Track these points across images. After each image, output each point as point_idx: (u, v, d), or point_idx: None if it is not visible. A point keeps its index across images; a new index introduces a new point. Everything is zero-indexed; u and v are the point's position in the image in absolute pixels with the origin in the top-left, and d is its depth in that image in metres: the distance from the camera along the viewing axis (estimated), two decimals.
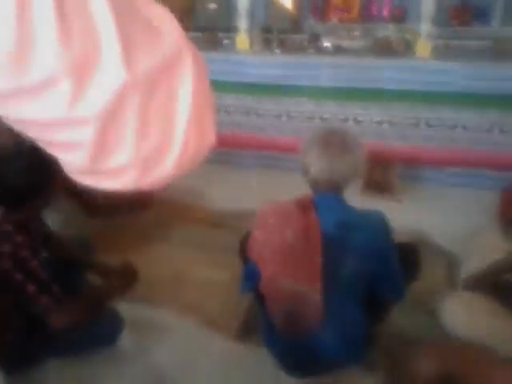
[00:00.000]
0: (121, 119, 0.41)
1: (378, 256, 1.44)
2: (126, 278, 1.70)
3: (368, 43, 2.77)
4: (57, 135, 0.42)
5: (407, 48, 2.68)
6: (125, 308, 1.83)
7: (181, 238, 2.43)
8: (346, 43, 2.79)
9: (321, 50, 2.75)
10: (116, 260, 1.76)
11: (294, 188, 1.69)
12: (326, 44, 2.76)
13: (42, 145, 0.45)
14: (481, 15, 2.86)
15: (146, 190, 0.51)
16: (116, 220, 2.27)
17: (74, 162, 0.45)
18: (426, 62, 2.61)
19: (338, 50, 2.75)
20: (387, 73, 2.65)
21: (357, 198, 1.63)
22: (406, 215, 2.25)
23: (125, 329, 1.72)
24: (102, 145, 0.41)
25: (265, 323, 1.59)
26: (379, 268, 1.46)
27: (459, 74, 2.54)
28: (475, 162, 2.67)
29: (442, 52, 2.66)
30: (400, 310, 1.80)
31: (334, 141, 1.49)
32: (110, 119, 0.40)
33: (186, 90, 0.43)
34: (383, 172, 2.65)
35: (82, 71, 0.38)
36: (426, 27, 2.60)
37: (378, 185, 2.64)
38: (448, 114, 2.63)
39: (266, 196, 2.06)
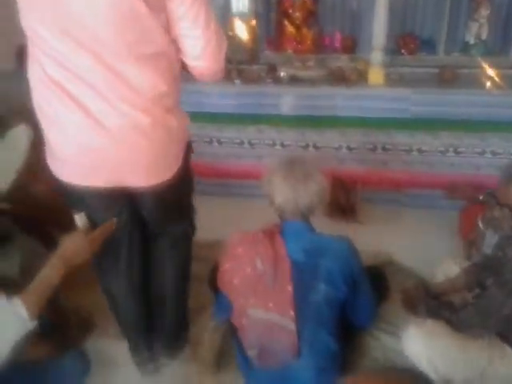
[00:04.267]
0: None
1: (349, 281, 1.45)
2: (81, 330, 1.64)
3: (322, 73, 2.85)
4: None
5: (360, 77, 2.78)
6: (93, 345, 1.76)
7: None
8: (301, 73, 2.86)
9: (278, 80, 2.81)
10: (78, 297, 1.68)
11: (259, 214, 1.71)
12: (283, 74, 2.83)
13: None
14: (427, 44, 3.03)
15: None
16: None
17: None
18: (378, 89, 2.72)
19: (294, 80, 2.82)
20: (342, 101, 2.73)
21: (320, 222, 1.65)
22: (369, 238, 2.29)
23: (92, 368, 1.64)
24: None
25: (239, 354, 1.56)
26: (350, 293, 1.47)
27: (410, 100, 2.65)
28: (432, 183, 2.77)
29: (393, 79, 2.78)
30: (369, 332, 1.82)
31: (296, 169, 1.52)
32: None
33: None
34: (345, 196, 2.70)
35: None
36: (377, 55, 2.71)
37: (341, 208, 2.69)
38: (403, 138, 2.73)
39: (232, 224, 2.06)
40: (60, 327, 1.71)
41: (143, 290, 1.66)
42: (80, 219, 1.46)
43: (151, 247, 1.64)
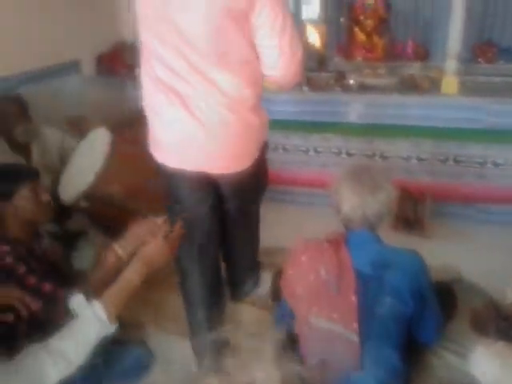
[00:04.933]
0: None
1: (416, 296, 1.41)
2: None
3: (393, 81, 2.80)
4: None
5: (432, 85, 2.70)
6: (158, 341, 1.81)
7: None
8: (371, 81, 2.82)
9: (347, 88, 2.79)
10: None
11: (324, 223, 1.69)
12: (352, 81, 2.80)
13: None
14: (506, 53, 2.88)
15: None
16: None
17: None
18: (451, 98, 2.62)
19: (363, 88, 2.78)
20: (413, 110, 2.66)
21: (386, 234, 1.61)
22: (436, 253, 2.21)
23: (156, 364, 1.69)
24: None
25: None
26: (417, 309, 1.43)
27: (485, 111, 2.54)
28: (507, 198, 2.63)
29: (468, 88, 2.67)
30: (433, 350, 1.75)
31: (365, 178, 1.49)
32: None
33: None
34: (413, 208, 2.62)
35: None
36: (451, 64, 2.62)
37: (408, 221, 2.61)
38: (476, 149, 2.62)
39: (297, 232, 2.06)
40: None
41: (216, 269, 1.89)
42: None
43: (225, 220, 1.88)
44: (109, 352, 1.54)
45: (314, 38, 2.85)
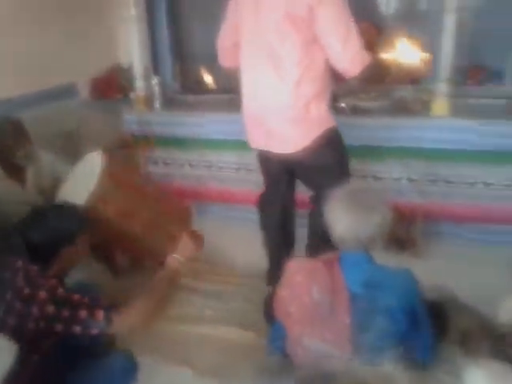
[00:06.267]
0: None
1: (409, 316, 1.42)
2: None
3: (384, 104, 2.85)
4: None
5: (424, 107, 2.75)
6: (145, 364, 1.80)
7: (205, 297, 2.42)
8: (362, 104, 2.87)
9: (339, 110, 2.83)
10: None
11: None
12: (343, 105, 2.85)
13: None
14: (496, 75, 2.95)
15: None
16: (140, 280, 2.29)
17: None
18: (442, 120, 2.67)
19: (355, 111, 2.83)
20: (404, 131, 2.71)
21: (379, 255, 1.63)
22: (428, 272, 2.21)
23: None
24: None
25: None
26: (409, 328, 1.43)
27: (476, 132, 2.59)
28: (498, 217, 2.66)
29: (459, 110, 2.72)
30: (426, 369, 1.75)
31: (360, 199, 1.50)
32: None
33: None
34: (405, 228, 2.65)
35: None
36: (442, 86, 2.67)
37: (399, 241, 2.63)
38: (467, 170, 2.66)
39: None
40: None
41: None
42: None
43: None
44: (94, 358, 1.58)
45: None
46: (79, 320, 1.39)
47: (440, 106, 2.68)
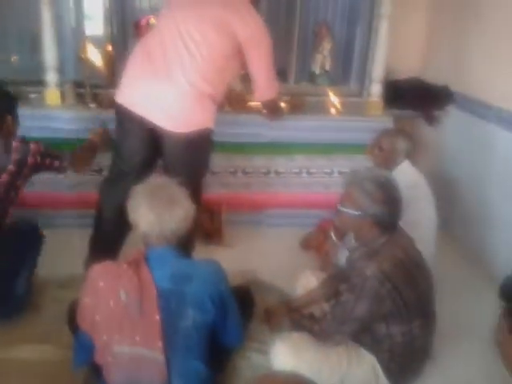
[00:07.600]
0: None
1: (217, 304, 1.46)
2: None
3: None
4: None
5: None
6: None
7: None
8: None
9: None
10: None
11: None
12: None
13: None
14: (280, 73, 3.23)
15: None
16: None
17: None
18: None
19: None
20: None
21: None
22: (235, 258, 2.35)
23: None
24: None
25: None
26: (219, 315, 1.48)
27: (267, 126, 2.80)
28: (289, 203, 2.95)
29: None
30: (238, 352, 1.83)
31: (161, 194, 1.48)
32: None
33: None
34: (210, 219, 2.73)
35: None
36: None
37: (206, 232, 2.71)
38: (261, 161, 2.87)
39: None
40: None
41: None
42: None
43: None
44: None
45: (98, 56, 2.73)
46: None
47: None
